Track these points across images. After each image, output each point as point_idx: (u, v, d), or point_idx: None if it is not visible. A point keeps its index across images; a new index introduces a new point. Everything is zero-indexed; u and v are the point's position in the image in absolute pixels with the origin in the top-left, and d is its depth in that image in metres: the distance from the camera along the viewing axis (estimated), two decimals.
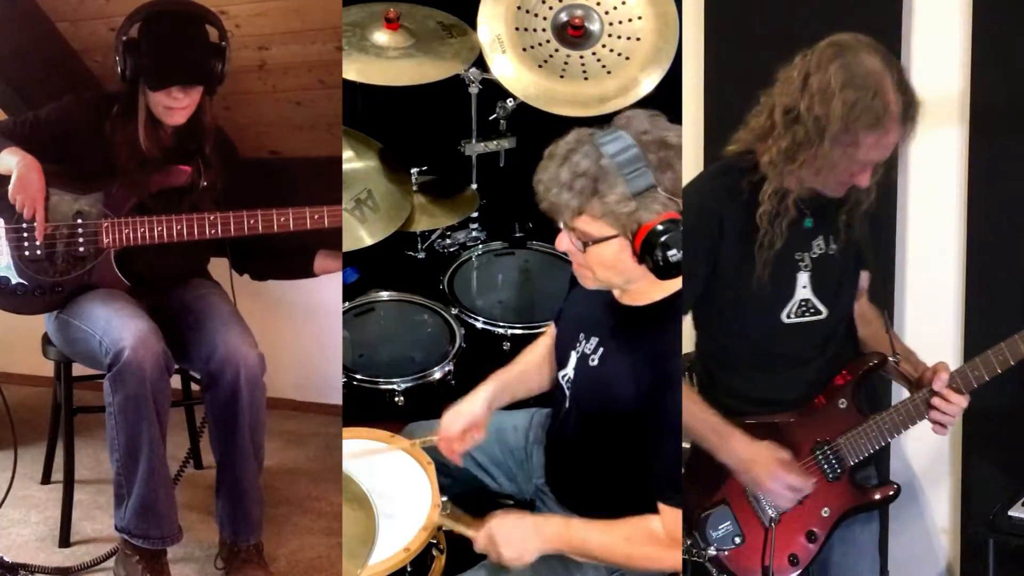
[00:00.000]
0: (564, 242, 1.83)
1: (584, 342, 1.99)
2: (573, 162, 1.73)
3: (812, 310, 2.09)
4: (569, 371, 2.02)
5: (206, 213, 2.45)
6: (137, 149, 2.46)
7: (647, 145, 1.74)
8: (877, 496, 2.17)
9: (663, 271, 1.76)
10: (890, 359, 2.15)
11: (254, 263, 2.67)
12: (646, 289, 1.88)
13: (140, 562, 2.38)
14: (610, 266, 1.81)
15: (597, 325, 1.98)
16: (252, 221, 2.46)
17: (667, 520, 1.83)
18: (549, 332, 2.23)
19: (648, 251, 1.74)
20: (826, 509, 2.14)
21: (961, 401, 2.07)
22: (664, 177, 1.74)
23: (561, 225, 1.82)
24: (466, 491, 2.24)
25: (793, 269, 2.07)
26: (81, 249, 2.45)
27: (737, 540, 2.16)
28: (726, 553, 2.17)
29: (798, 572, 2.15)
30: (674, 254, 1.74)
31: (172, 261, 2.55)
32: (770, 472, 2.06)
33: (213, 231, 2.45)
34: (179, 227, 2.44)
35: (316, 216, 2.45)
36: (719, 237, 2.06)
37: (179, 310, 2.52)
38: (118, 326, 2.33)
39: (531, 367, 2.22)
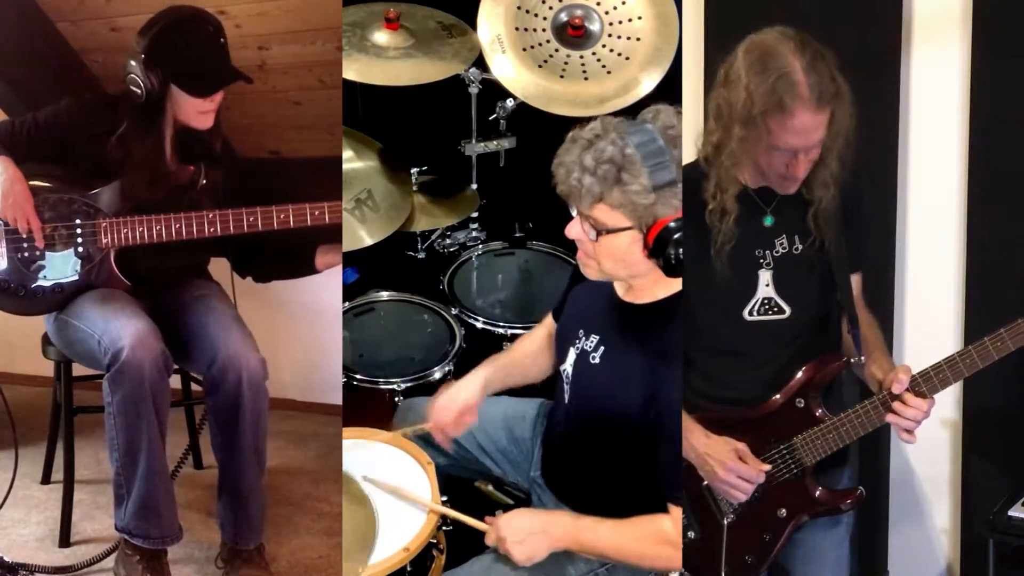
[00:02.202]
0: (575, 229, 1.82)
1: (584, 339, 1.98)
2: (599, 148, 1.73)
3: (775, 308, 2.06)
4: (568, 366, 2.02)
5: (205, 211, 2.45)
6: (151, 160, 2.45)
7: (672, 140, 1.74)
8: (839, 500, 2.10)
9: (673, 268, 1.77)
10: (852, 360, 2.07)
11: (256, 265, 2.66)
12: (650, 286, 1.88)
13: (140, 562, 2.38)
14: (619, 259, 1.81)
15: (598, 322, 1.97)
16: (252, 218, 2.45)
17: (675, 520, 1.84)
18: (546, 323, 2.23)
19: (661, 247, 1.74)
20: (783, 510, 2.11)
21: (922, 405, 1.98)
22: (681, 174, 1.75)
23: (574, 212, 1.81)
24: (466, 474, 2.24)
25: (755, 267, 2.04)
26: (80, 249, 2.45)
27: (691, 534, 2.15)
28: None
29: (757, 574, 2.13)
30: (682, 252, 1.74)
31: (172, 261, 2.54)
32: (723, 464, 2.05)
33: (212, 229, 2.45)
34: (178, 225, 2.44)
35: (316, 212, 2.44)
36: None
37: (179, 310, 2.51)
38: (117, 326, 2.33)
39: (527, 356, 2.23)
